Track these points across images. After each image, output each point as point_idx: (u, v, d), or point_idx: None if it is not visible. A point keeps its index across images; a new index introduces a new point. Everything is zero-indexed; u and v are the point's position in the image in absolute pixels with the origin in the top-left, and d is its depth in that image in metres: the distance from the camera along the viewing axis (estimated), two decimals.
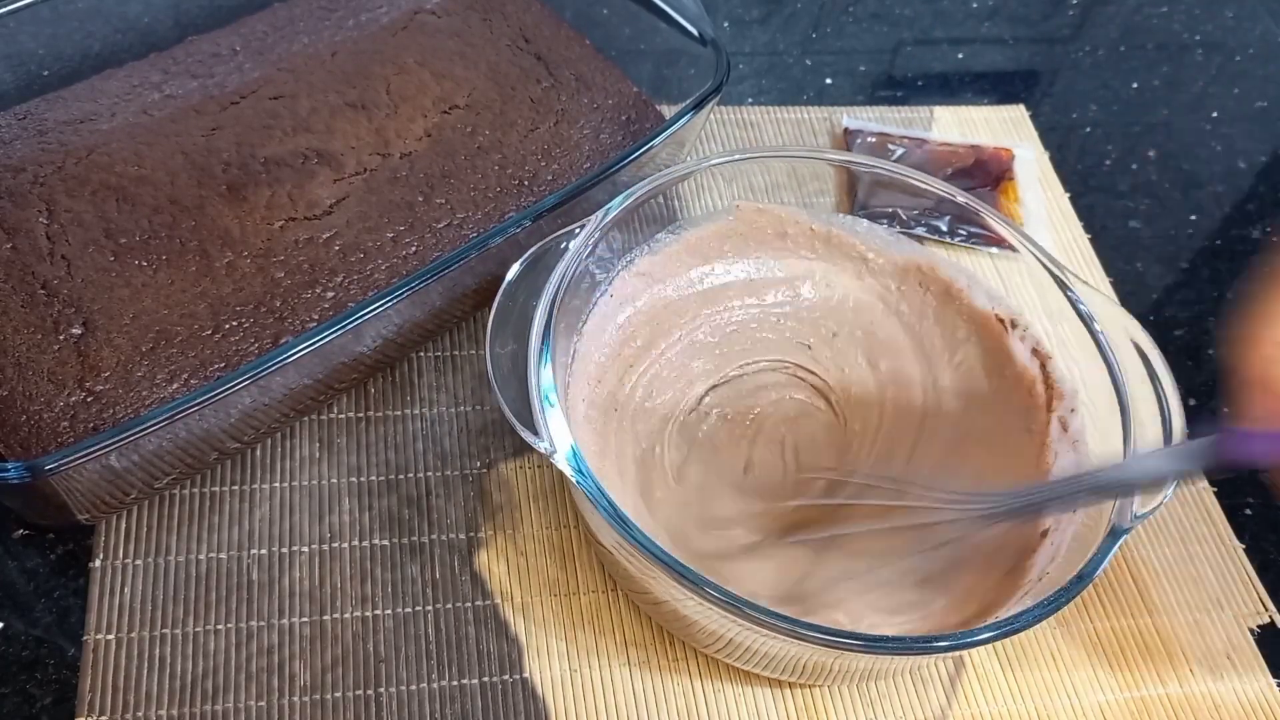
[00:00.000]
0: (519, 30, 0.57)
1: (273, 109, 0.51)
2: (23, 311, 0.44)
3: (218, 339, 0.45)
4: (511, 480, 0.50)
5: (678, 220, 0.51)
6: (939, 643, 0.39)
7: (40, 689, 0.42)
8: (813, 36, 0.74)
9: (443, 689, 0.44)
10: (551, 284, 0.44)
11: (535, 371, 0.41)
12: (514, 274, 0.44)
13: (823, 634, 0.38)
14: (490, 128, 0.53)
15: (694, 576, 0.38)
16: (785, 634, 0.38)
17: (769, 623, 0.37)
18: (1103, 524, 0.40)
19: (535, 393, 0.41)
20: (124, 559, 0.45)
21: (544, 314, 0.43)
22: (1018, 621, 0.38)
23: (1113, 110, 0.73)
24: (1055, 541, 0.43)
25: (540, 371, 0.41)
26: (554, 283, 0.44)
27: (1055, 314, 0.48)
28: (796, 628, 0.37)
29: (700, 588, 0.38)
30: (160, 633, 0.44)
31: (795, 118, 0.67)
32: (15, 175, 0.47)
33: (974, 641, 0.38)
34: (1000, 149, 0.66)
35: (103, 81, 0.52)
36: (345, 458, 0.49)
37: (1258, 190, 0.70)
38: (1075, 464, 0.46)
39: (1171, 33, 0.79)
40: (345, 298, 0.47)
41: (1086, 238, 0.64)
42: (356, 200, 0.49)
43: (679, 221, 0.51)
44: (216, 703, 0.43)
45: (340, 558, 0.47)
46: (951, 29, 0.76)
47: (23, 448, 0.41)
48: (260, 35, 0.55)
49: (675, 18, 0.56)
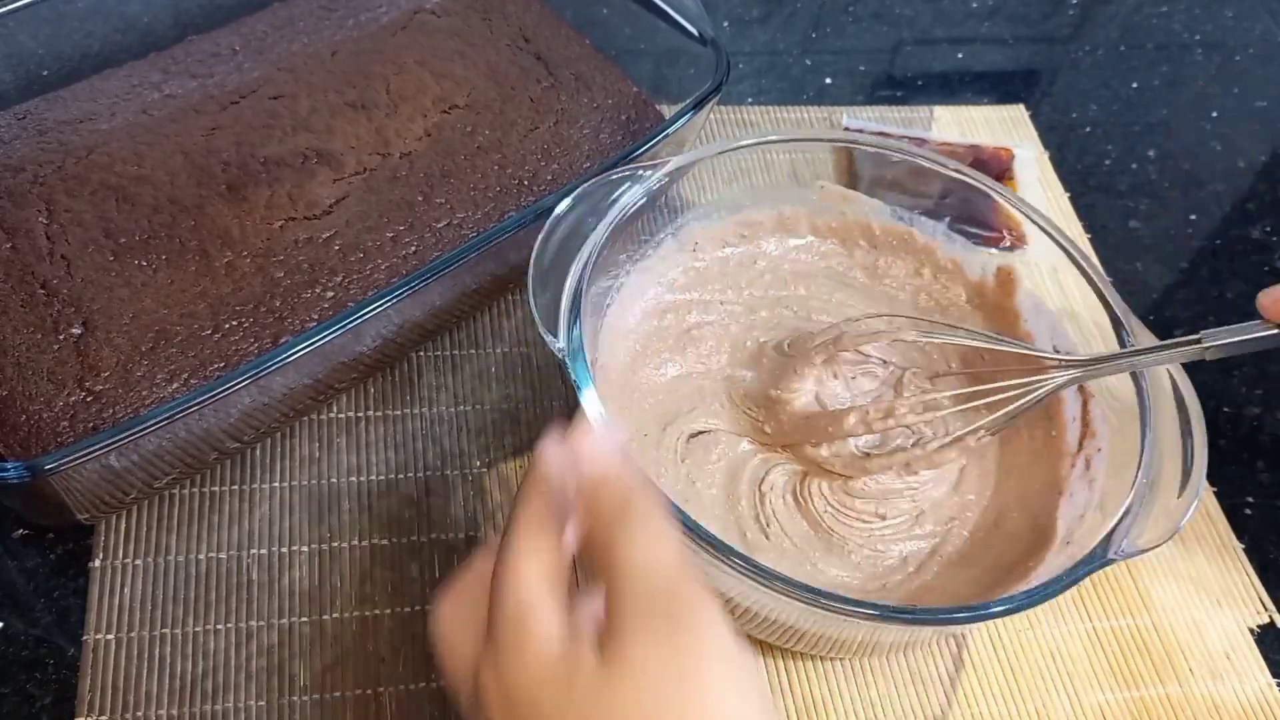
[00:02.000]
0: (519, 30, 0.57)
1: (272, 109, 0.51)
2: (22, 311, 0.43)
3: (217, 339, 0.45)
4: (512, 479, 0.50)
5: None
6: (959, 614, 0.39)
7: (40, 688, 0.42)
8: (813, 36, 0.74)
9: (443, 689, 0.44)
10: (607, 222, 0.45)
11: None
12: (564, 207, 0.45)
13: (838, 602, 0.38)
14: (490, 127, 0.52)
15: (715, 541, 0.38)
16: (800, 599, 0.38)
17: (782, 588, 0.37)
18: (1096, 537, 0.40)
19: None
20: (124, 559, 0.45)
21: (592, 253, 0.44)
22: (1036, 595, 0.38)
23: (1113, 110, 0.73)
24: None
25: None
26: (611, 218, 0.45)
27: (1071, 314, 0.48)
28: (817, 595, 0.37)
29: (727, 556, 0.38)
30: (160, 632, 0.44)
31: (795, 117, 0.67)
32: (15, 175, 0.47)
33: (990, 614, 0.39)
34: (1000, 148, 0.66)
35: (102, 81, 0.52)
36: (345, 457, 0.49)
37: (1257, 190, 0.70)
38: (1087, 501, 0.45)
39: (1171, 32, 0.79)
40: (345, 297, 0.47)
41: (1086, 237, 0.64)
42: (356, 200, 0.49)
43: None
44: (216, 702, 0.42)
45: (340, 557, 0.47)
46: (951, 29, 0.76)
47: (22, 447, 0.41)
48: (260, 35, 0.55)
49: (675, 17, 0.56)
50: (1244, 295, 0.63)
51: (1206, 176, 0.70)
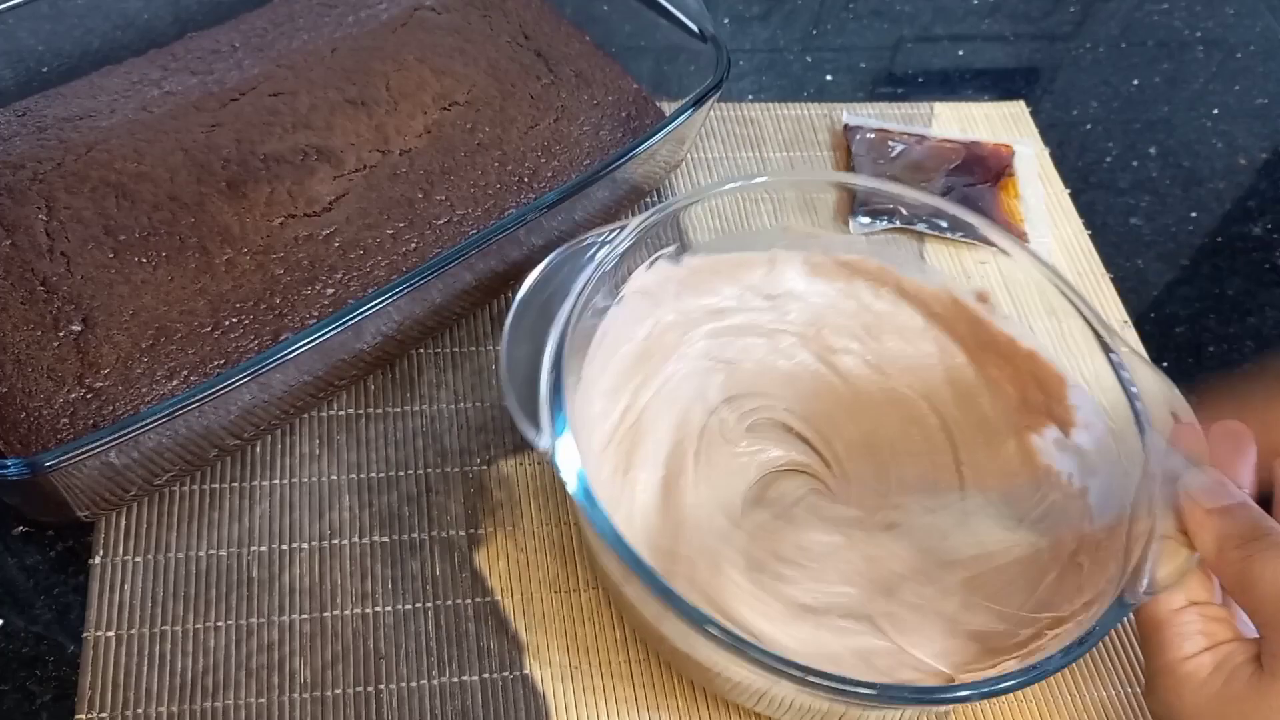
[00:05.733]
0: (519, 26, 0.57)
1: (272, 106, 0.51)
2: (22, 308, 0.43)
3: (217, 336, 0.45)
4: (512, 477, 0.50)
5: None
6: (961, 691, 0.37)
7: (40, 686, 0.42)
8: (813, 33, 0.74)
9: (443, 685, 0.44)
10: (571, 301, 0.42)
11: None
12: (530, 284, 0.43)
13: (837, 683, 0.36)
14: (490, 124, 0.52)
15: (695, 614, 0.36)
16: (795, 681, 0.36)
17: (777, 668, 0.36)
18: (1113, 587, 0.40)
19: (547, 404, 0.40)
20: (124, 556, 0.45)
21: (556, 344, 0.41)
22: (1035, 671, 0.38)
23: (1113, 107, 0.73)
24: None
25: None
26: (573, 297, 0.42)
27: (1058, 311, 0.48)
28: (808, 675, 0.36)
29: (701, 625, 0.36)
30: (160, 629, 0.44)
31: (795, 114, 0.67)
32: (14, 172, 0.47)
33: (998, 690, 0.38)
34: (1000, 145, 0.66)
35: (102, 78, 0.52)
36: (345, 454, 0.49)
37: (1258, 187, 0.70)
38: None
39: (1172, 29, 0.79)
40: (345, 294, 0.47)
41: (1087, 234, 0.64)
42: (356, 197, 0.49)
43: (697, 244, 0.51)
44: (217, 699, 0.42)
45: (340, 554, 0.47)
46: (952, 25, 0.76)
47: (22, 444, 0.41)
48: (260, 32, 0.55)
49: (675, 14, 0.56)
50: (1244, 292, 0.63)
51: (1207, 174, 0.70)
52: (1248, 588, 0.36)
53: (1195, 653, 0.37)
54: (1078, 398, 0.47)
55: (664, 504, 0.46)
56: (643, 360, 0.49)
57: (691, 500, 0.46)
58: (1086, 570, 0.42)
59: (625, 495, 0.45)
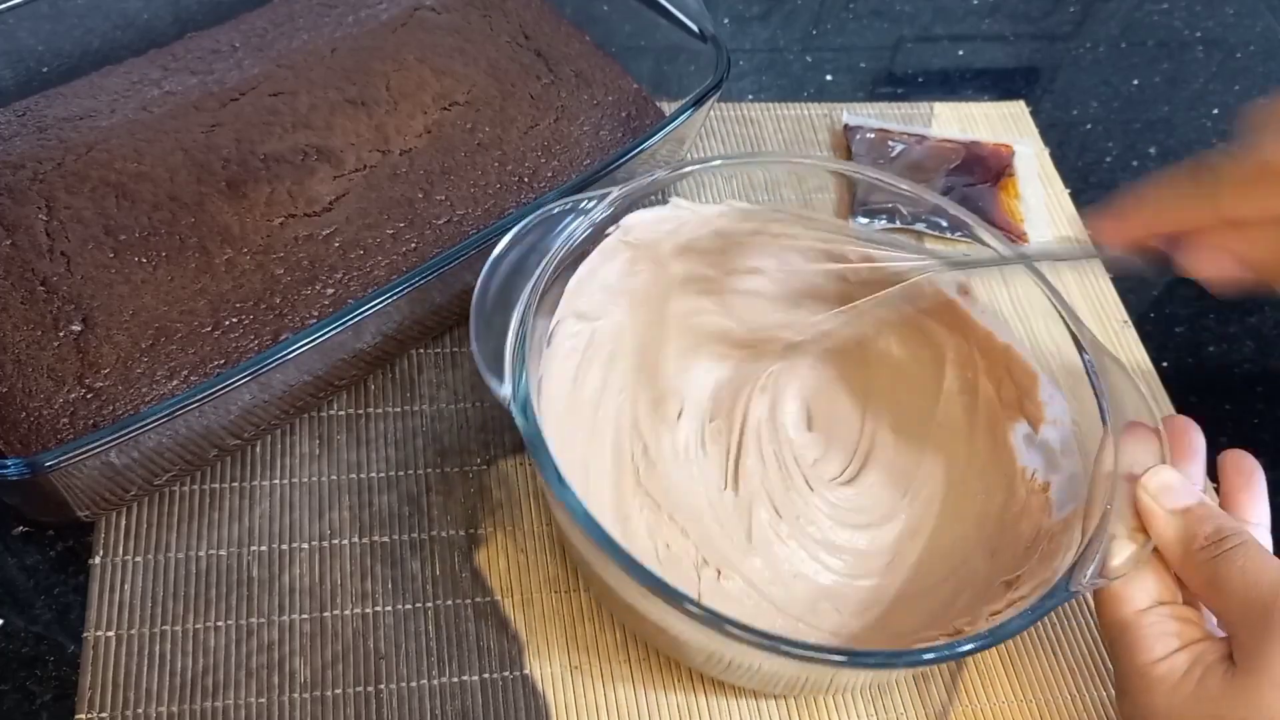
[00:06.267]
0: (519, 26, 0.57)
1: (272, 106, 0.51)
2: (22, 308, 0.43)
3: (217, 335, 0.45)
4: (511, 477, 0.50)
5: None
6: (927, 654, 0.38)
7: (40, 685, 0.42)
8: (813, 33, 0.74)
9: (443, 685, 0.44)
10: (548, 261, 0.43)
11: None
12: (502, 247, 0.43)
13: (808, 650, 0.37)
14: (490, 124, 0.52)
15: (669, 590, 0.37)
16: (767, 649, 0.36)
17: (747, 638, 0.36)
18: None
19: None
20: (124, 556, 0.45)
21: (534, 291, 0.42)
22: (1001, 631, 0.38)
23: (1113, 107, 0.73)
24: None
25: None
26: (550, 258, 0.43)
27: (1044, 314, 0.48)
28: (779, 644, 0.36)
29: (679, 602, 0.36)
30: (160, 629, 0.44)
31: (795, 114, 0.67)
32: (15, 172, 0.47)
33: (959, 653, 0.38)
34: (1000, 145, 0.66)
35: (102, 78, 0.52)
36: (345, 454, 0.49)
37: None
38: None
39: (1172, 29, 0.79)
40: (345, 294, 0.47)
41: (1087, 234, 0.64)
42: (356, 197, 0.49)
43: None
44: (216, 699, 0.42)
45: (340, 554, 0.47)
46: (952, 25, 0.76)
47: (22, 444, 0.41)
48: (260, 32, 0.55)
49: (675, 14, 0.56)
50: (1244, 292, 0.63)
51: None
52: (1217, 588, 0.36)
53: (1168, 654, 0.37)
54: (1048, 394, 0.47)
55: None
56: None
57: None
58: (1036, 560, 0.43)
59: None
